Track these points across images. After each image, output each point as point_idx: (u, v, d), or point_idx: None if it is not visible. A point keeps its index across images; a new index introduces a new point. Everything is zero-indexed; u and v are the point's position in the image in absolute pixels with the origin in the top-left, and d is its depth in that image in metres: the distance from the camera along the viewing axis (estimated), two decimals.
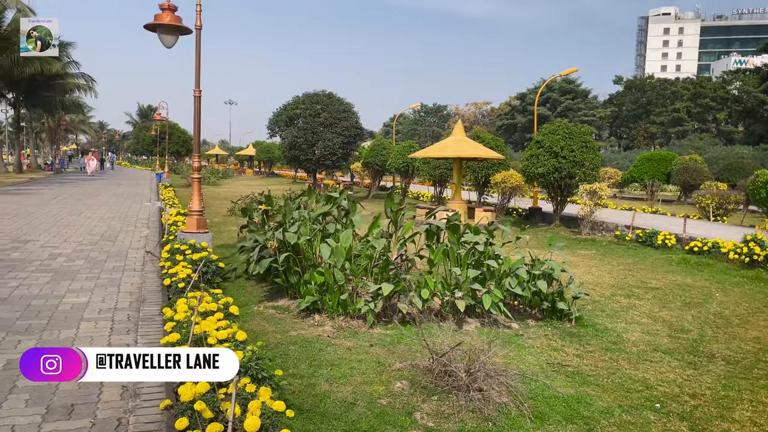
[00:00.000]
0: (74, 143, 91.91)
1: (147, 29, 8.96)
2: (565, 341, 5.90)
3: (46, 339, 5.03)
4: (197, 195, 9.49)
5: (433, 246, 6.84)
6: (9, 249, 9.43)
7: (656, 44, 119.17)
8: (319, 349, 5.36)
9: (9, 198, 19.62)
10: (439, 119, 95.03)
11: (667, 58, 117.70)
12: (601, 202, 14.68)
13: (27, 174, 38.55)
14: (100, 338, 5.12)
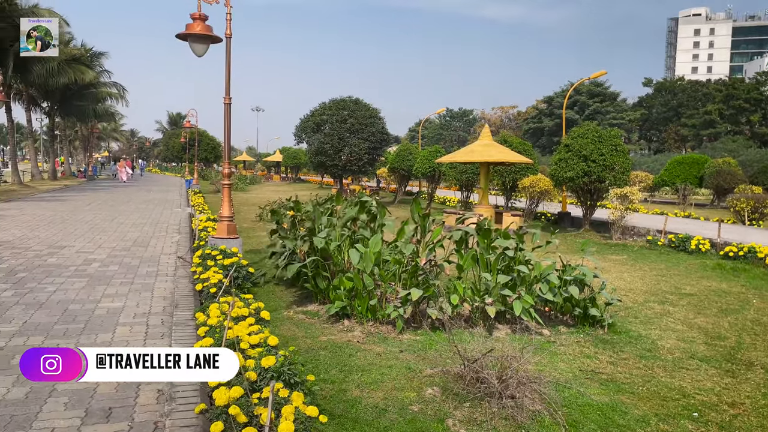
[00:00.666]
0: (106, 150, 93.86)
1: (179, 38, 9.11)
2: (598, 348, 5.81)
3: (83, 343, 5.14)
4: (227, 201, 9.60)
5: (462, 251, 6.81)
6: (46, 254, 9.67)
7: (687, 45, 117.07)
8: (349, 355, 5.37)
9: (44, 204, 20.12)
10: (464, 124, 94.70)
11: (698, 60, 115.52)
12: (632, 207, 14.45)
13: (61, 181, 39.48)
14: (135, 342, 5.21)
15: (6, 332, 5.37)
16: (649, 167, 43.00)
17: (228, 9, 9.02)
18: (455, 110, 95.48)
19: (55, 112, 43.67)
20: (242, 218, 17.06)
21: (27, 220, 14.83)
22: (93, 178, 46.93)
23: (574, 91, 63.04)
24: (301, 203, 8.97)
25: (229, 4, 8.99)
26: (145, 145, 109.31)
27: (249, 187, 40.34)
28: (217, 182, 32.65)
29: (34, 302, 6.50)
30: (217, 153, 57.62)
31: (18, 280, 7.63)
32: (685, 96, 67.23)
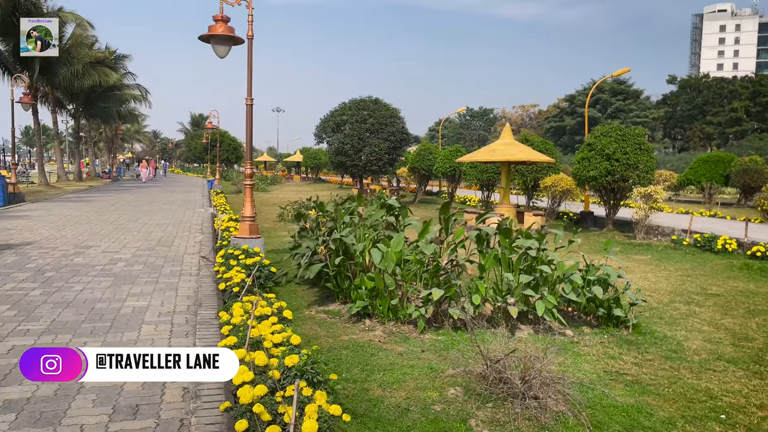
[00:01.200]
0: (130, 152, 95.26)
1: (201, 40, 9.21)
2: (623, 349, 5.74)
3: (110, 341, 5.22)
4: (250, 201, 9.67)
5: (483, 251, 6.78)
6: (72, 254, 9.84)
7: (712, 42, 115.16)
8: (371, 354, 5.38)
9: (70, 205, 20.49)
10: (485, 123, 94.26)
11: (724, 57, 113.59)
12: (656, 206, 14.25)
13: (86, 182, 40.16)
14: (160, 341, 5.29)
15: (35, 330, 5.49)
16: (673, 166, 42.38)
17: (250, 11, 9.09)
18: (475, 109, 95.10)
19: (80, 114, 44.44)
20: (263, 218, 17.18)
21: (54, 221, 15.11)
22: (117, 178, 47.68)
23: (596, 89, 62.39)
24: (323, 203, 9.01)
25: (251, 5, 9.07)
26: (167, 146, 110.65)
27: (270, 187, 40.61)
28: (239, 183, 32.96)
29: (61, 301, 6.63)
30: (239, 154, 58.09)
31: (46, 279, 7.78)
32: (711, 93, 66.12)
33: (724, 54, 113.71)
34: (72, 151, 64.75)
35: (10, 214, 16.54)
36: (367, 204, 8.58)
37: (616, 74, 23.27)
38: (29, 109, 27.28)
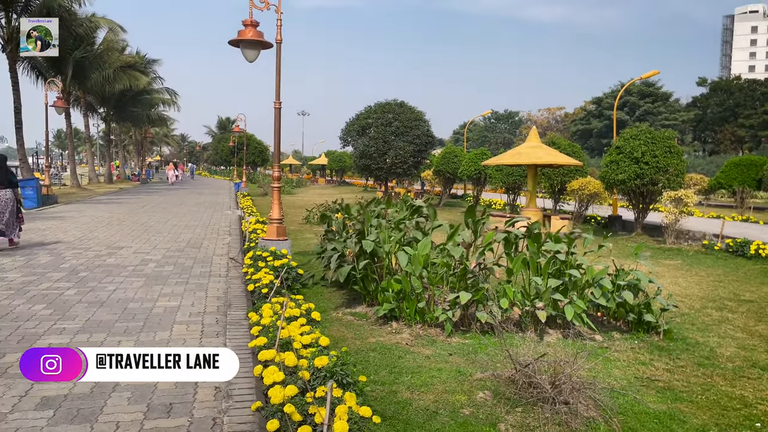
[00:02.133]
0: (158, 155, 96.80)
1: (231, 45, 9.34)
2: (654, 355, 5.66)
3: (143, 340, 5.33)
4: (277, 204, 9.76)
5: (511, 254, 6.75)
6: (105, 255, 10.05)
7: (743, 43, 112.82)
8: (399, 357, 5.39)
9: (102, 207, 20.91)
10: (510, 126, 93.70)
11: (755, 58, 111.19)
12: (686, 210, 14.02)
13: (116, 184, 40.95)
14: (192, 340, 5.37)
15: (71, 329, 5.62)
16: (704, 169, 41.62)
17: (279, 15, 9.19)
18: (500, 112, 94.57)
19: (111, 118, 45.37)
20: (289, 220, 17.32)
21: (86, 222, 15.44)
22: (146, 181, 48.51)
23: (624, 92, 61.55)
24: (349, 206, 9.06)
25: (280, 10, 9.17)
26: (195, 149, 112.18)
27: (295, 190, 40.92)
28: (265, 185, 33.29)
29: (95, 300, 6.78)
30: (265, 156, 58.68)
31: (80, 279, 7.96)
32: (742, 95, 64.74)
33: (756, 56, 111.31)
34: (103, 153, 66.07)
35: (44, 216, 16.94)
36: (394, 207, 8.60)
37: (645, 76, 22.96)
38: (62, 113, 27.95)
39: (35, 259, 9.48)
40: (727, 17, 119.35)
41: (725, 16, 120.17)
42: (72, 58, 30.95)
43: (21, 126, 24.44)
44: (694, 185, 25.55)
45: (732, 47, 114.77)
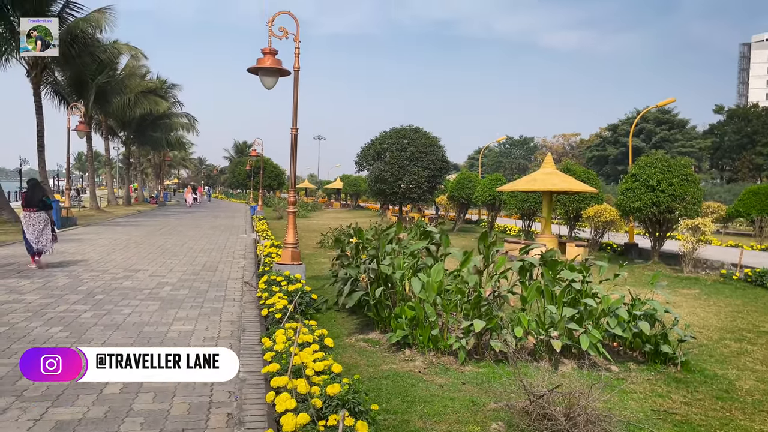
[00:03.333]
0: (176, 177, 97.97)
1: (250, 72, 9.51)
2: (671, 387, 5.57)
3: None
4: (292, 228, 9.82)
5: (526, 282, 6.71)
6: (122, 278, 10.15)
7: (760, 71, 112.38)
8: (411, 385, 5.36)
9: (120, 229, 21.16)
10: (525, 151, 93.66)
11: None
12: (703, 238, 13.87)
13: (134, 207, 41.43)
14: None
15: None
16: (721, 197, 41.18)
17: (297, 44, 9.36)
18: (515, 138, 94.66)
19: (131, 141, 46.10)
20: (304, 244, 17.38)
21: (104, 244, 15.63)
22: (164, 204, 49.04)
23: (640, 119, 61.40)
24: (362, 231, 9.08)
25: (298, 39, 9.34)
26: (212, 172, 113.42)
27: (310, 213, 41.09)
28: (280, 209, 33.50)
29: (111, 324, 6.83)
30: (281, 180, 59.17)
31: (96, 302, 8.04)
32: (760, 123, 64.22)
33: None
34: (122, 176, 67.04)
35: (63, 238, 17.16)
36: (408, 232, 8.61)
37: (660, 104, 22.92)
38: (84, 136, 28.48)
39: (53, 281, 9.60)
40: (743, 45, 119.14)
41: (742, 44, 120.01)
42: (95, 83, 31.65)
43: (43, 149, 24.92)
44: (712, 213, 25.28)
45: (749, 75, 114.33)
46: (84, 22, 24.59)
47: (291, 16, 9.46)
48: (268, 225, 22.93)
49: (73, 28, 24.13)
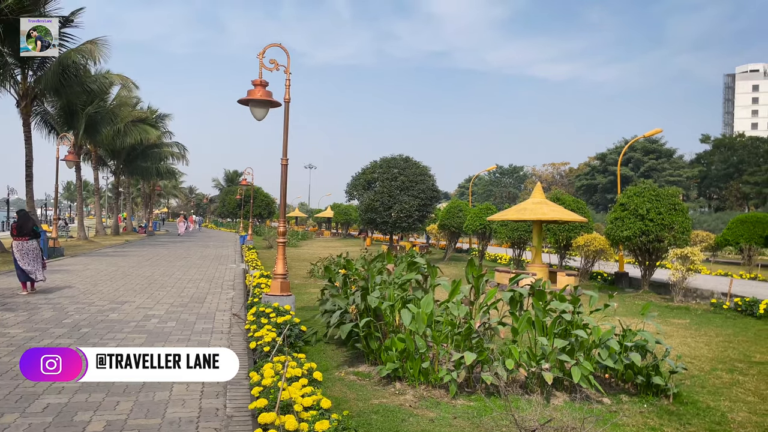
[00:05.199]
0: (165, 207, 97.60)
1: (240, 103, 9.55)
2: (663, 420, 5.52)
3: (141, 400, 5.24)
4: (282, 259, 9.76)
5: (516, 313, 6.68)
6: (108, 310, 10.00)
7: (745, 101, 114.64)
8: (402, 420, 5.27)
9: (107, 260, 20.94)
10: (515, 180, 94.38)
11: (758, 116, 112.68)
12: (693, 267, 13.92)
13: (123, 236, 41.11)
14: (191, 401, 5.28)
15: (69, 388, 5.53)
16: (710, 226, 41.54)
17: (288, 76, 9.44)
18: (505, 167, 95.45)
19: (121, 171, 45.98)
20: (294, 274, 17.27)
21: (91, 275, 15.44)
22: (152, 233, 48.72)
23: (628, 148, 62.19)
24: (351, 261, 9.03)
25: (289, 71, 9.42)
26: (202, 201, 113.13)
27: (300, 242, 40.95)
28: (270, 238, 33.37)
29: None
30: (271, 209, 59.13)
31: (81, 335, 7.90)
32: (746, 152, 65.22)
33: (759, 113, 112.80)
34: (110, 205, 66.69)
35: (50, 268, 16.92)
36: (397, 262, 8.56)
37: (648, 134, 23.23)
38: (73, 166, 28.36)
39: (38, 314, 9.44)
40: (728, 76, 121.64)
41: (726, 75, 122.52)
42: (85, 113, 31.66)
43: (31, 179, 24.78)
44: (701, 242, 25.49)
45: (734, 105, 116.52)
46: (76, 53, 24.71)
47: (282, 48, 9.56)
48: (257, 254, 22.79)
49: (65, 59, 24.23)
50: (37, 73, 25.27)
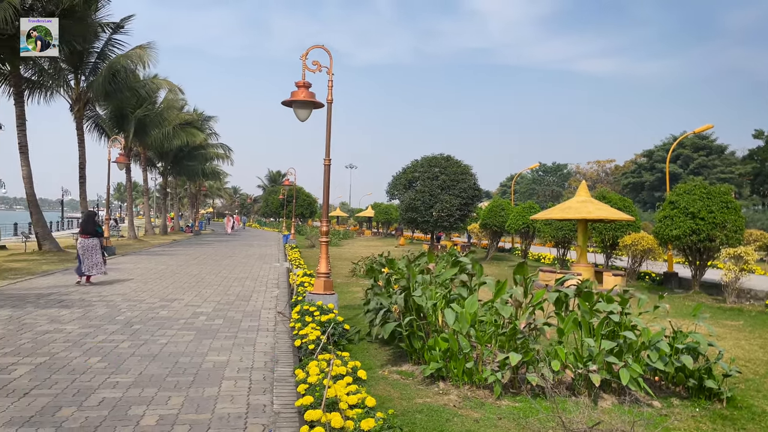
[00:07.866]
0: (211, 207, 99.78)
1: (284, 105, 9.69)
2: (717, 424, 5.35)
3: (192, 396, 5.38)
4: (325, 258, 9.85)
5: (562, 314, 6.58)
6: (158, 307, 10.30)
7: None
8: (446, 420, 5.26)
9: (156, 258, 21.56)
10: (558, 178, 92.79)
11: None
12: (747, 267, 13.43)
13: (170, 236, 42.22)
14: (239, 397, 5.39)
15: (123, 383, 5.73)
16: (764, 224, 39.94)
17: (330, 77, 9.53)
18: (548, 165, 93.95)
19: (168, 172, 47.24)
20: (336, 273, 17.42)
21: (141, 273, 15.93)
22: (198, 233, 49.89)
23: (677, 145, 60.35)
24: (394, 260, 9.05)
25: (331, 72, 9.51)
26: (246, 201, 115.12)
27: (342, 241, 41.23)
28: (313, 237, 33.73)
29: (148, 354, 6.92)
30: (313, 209, 59.78)
31: (134, 332, 8.16)
32: None
33: None
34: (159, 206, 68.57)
35: None
36: (438, 261, 8.54)
37: (698, 131, 22.50)
38: (123, 168, 29.26)
39: (92, 310, 9.79)
40: None
41: None
42: (134, 116, 32.68)
43: (84, 180, 25.70)
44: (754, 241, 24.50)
45: None
46: (125, 58, 25.50)
47: (324, 49, 9.65)
48: (300, 253, 23.08)
49: (115, 63, 25.04)
50: (89, 78, 26.20)
